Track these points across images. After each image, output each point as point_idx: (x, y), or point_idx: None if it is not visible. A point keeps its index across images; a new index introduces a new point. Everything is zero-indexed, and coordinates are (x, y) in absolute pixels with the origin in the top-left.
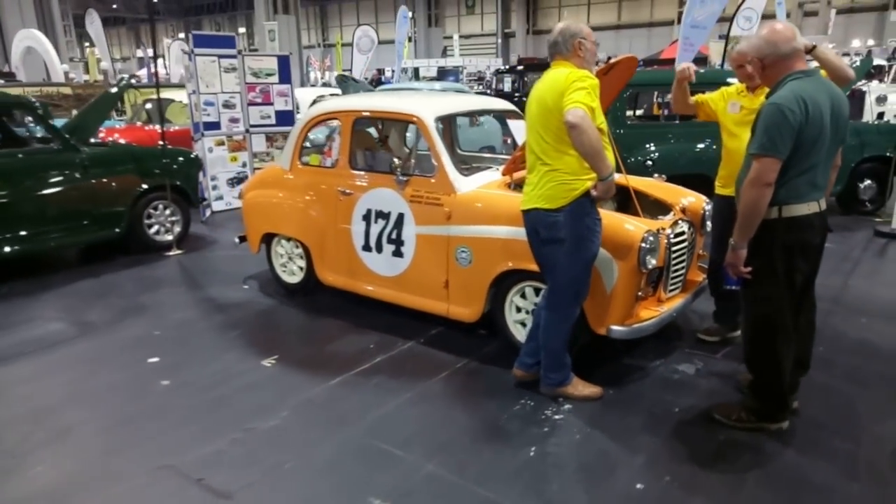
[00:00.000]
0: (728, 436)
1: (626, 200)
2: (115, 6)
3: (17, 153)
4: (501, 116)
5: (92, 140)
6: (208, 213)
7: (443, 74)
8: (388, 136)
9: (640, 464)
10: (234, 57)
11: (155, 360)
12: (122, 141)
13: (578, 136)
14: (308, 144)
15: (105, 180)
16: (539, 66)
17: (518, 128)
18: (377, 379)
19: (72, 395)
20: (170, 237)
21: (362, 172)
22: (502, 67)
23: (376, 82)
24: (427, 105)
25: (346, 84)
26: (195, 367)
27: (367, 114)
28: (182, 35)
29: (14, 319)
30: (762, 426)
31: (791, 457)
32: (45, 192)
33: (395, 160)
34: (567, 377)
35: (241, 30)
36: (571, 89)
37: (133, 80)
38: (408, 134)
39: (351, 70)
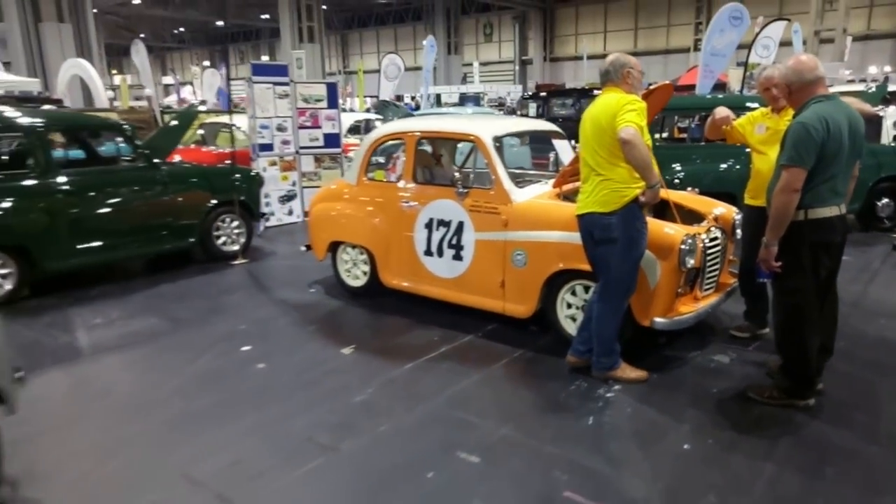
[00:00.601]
0: (761, 411)
1: (663, 211)
2: (142, 35)
3: (109, 170)
4: (546, 137)
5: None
6: (262, 227)
7: (464, 100)
8: (441, 155)
9: (685, 430)
10: (286, 84)
11: (247, 348)
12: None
13: (630, 151)
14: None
15: (181, 195)
16: (561, 93)
17: (562, 147)
18: (446, 364)
19: (182, 377)
20: (236, 247)
21: (424, 186)
22: (526, 94)
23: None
24: (484, 126)
25: (387, 109)
26: (283, 355)
27: (429, 134)
28: (206, 63)
29: (112, 316)
30: (792, 402)
31: (818, 427)
32: (132, 205)
33: (457, 175)
34: (616, 362)
35: (265, 58)
36: (623, 111)
37: (200, 108)
38: (457, 153)
39: (378, 96)
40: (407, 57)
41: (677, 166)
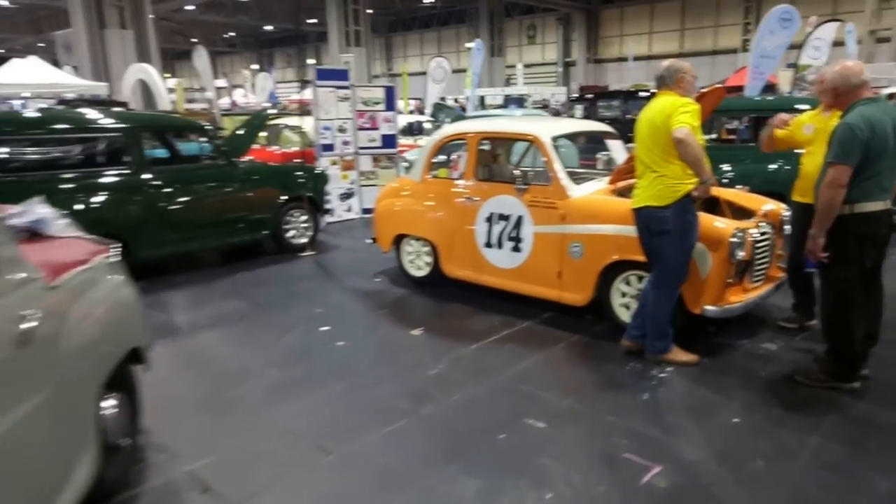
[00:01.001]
0: (808, 392)
1: (715, 208)
2: (192, 39)
3: (194, 167)
4: (599, 138)
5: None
6: (325, 222)
7: (508, 102)
8: (499, 154)
9: (735, 406)
10: (347, 87)
11: (326, 328)
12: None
13: (685, 149)
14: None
15: (257, 192)
16: (608, 95)
17: (616, 146)
18: (508, 346)
19: (272, 351)
20: (303, 240)
21: (485, 183)
22: (573, 96)
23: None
24: (543, 127)
25: (441, 111)
26: (359, 335)
27: (491, 135)
28: (255, 66)
29: (202, 299)
30: (837, 385)
31: (862, 406)
32: (214, 199)
33: (517, 172)
34: (669, 346)
35: (310, 61)
36: (678, 112)
37: (271, 111)
38: (513, 152)
39: (421, 99)
40: (450, 59)
41: (727, 167)
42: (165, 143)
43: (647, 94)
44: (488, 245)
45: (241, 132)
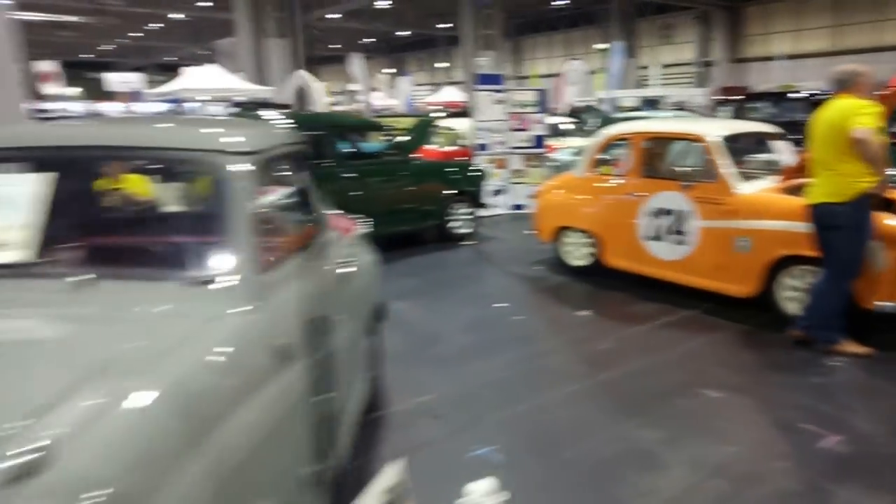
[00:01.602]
0: None
1: (888, 208)
2: (333, 45)
3: (380, 162)
4: (763, 138)
5: None
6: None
7: (644, 105)
8: (662, 152)
9: None
10: (502, 91)
11: (500, 305)
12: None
13: (864, 148)
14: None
15: (427, 185)
16: (757, 96)
17: (781, 147)
18: (673, 330)
19: (457, 320)
20: (465, 230)
21: (650, 179)
22: (717, 97)
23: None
24: (709, 128)
25: (589, 113)
26: (530, 312)
27: (657, 135)
28: (387, 70)
29: (385, 276)
30: None
31: None
32: (394, 190)
33: (684, 170)
34: (839, 337)
35: (440, 65)
36: (857, 114)
37: (436, 114)
38: (675, 151)
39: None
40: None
41: None
42: (351, 141)
43: (798, 95)
44: (651, 238)
45: (412, 133)
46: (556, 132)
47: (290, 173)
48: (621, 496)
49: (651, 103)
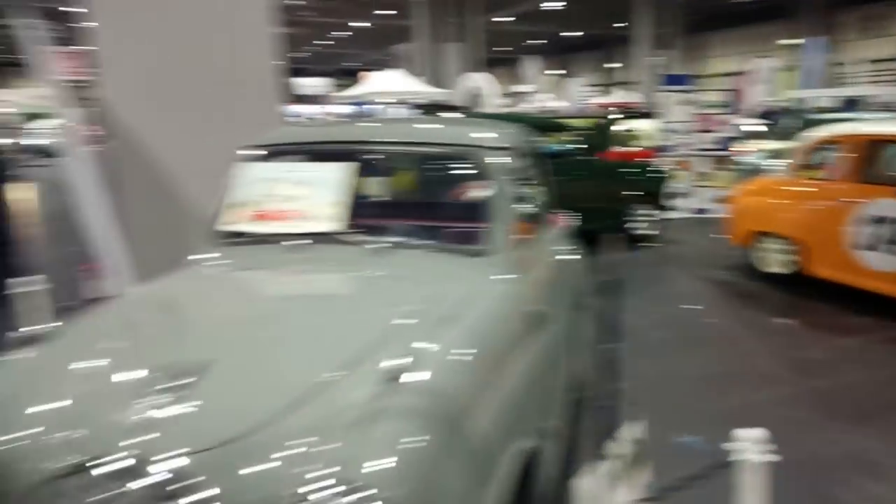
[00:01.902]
0: None
1: None
2: (500, 48)
3: (574, 161)
4: None
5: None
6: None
7: (846, 105)
8: (880, 157)
9: None
10: (689, 92)
11: (691, 306)
12: None
13: None
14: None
15: (612, 185)
16: None
17: None
18: (893, 346)
19: (649, 318)
20: (648, 232)
21: (865, 185)
22: None
23: None
24: None
25: (788, 116)
26: (722, 316)
27: (875, 137)
28: (554, 71)
29: None
30: None
31: None
32: (583, 188)
33: None
34: None
35: (609, 65)
36: None
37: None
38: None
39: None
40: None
41: None
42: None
43: None
44: (866, 247)
45: (597, 135)
46: (742, 134)
47: (531, 167)
48: (847, 500)
49: (851, 104)
